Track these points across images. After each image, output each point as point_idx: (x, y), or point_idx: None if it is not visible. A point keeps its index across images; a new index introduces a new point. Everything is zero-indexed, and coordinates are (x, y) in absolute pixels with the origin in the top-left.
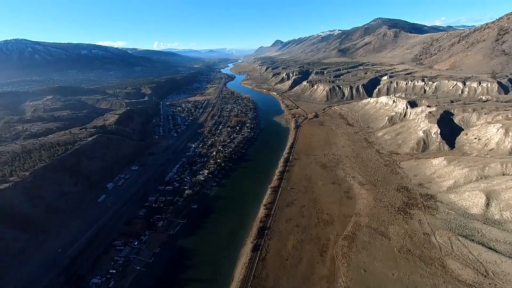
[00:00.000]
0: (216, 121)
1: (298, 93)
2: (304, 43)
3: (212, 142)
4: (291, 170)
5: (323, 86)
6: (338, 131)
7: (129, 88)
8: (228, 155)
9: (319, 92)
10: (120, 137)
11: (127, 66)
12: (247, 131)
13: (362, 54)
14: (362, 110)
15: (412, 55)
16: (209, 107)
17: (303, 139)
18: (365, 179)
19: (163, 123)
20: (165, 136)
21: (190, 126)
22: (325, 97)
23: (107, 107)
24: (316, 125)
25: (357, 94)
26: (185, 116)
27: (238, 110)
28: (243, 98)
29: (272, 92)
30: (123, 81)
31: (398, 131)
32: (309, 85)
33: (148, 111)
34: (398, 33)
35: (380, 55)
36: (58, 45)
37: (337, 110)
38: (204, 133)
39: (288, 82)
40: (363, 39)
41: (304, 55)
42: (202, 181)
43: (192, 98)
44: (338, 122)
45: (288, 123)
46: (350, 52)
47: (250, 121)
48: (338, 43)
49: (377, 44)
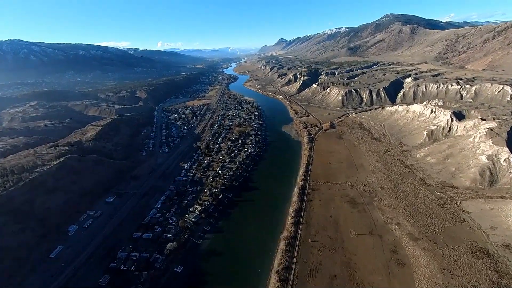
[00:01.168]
0: (215, 132)
1: (308, 97)
2: (310, 42)
3: (209, 161)
4: (309, 208)
5: (337, 90)
6: (363, 147)
7: (124, 91)
8: (228, 181)
9: (332, 97)
10: (97, 157)
11: (126, 67)
12: (251, 146)
13: (375, 52)
14: (388, 120)
15: (435, 53)
16: (208, 114)
17: (320, 159)
18: (416, 228)
19: (155, 134)
20: (155, 152)
21: (185, 139)
22: (340, 103)
23: (96, 114)
24: (333, 138)
25: (377, 99)
26: (180, 125)
27: (241, 118)
28: (247, 103)
29: (279, 96)
30: (120, 83)
31: (446, 153)
32: (320, 88)
33: (139, 119)
34: (415, 29)
35: (396, 54)
36: (56, 46)
37: (356, 119)
38: (200, 148)
39: (296, 85)
40: (375, 36)
41: (310, 54)
42: (192, 225)
43: (191, 102)
44: (360, 135)
45: (299, 135)
46: (361, 51)
47: (255, 132)
48: (346, 41)
49: (392, 42)
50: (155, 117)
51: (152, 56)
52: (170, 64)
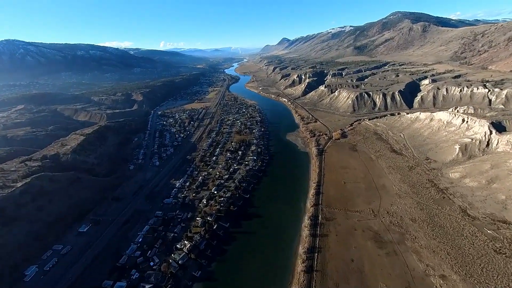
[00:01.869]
0: (213, 140)
1: (314, 100)
2: (313, 41)
3: (204, 177)
4: (324, 247)
5: (347, 93)
6: (382, 162)
7: (119, 94)
8: (224, 206)
9: (342, 100)
10: (74, 174)
11: (125, 68)
12: (252, 159)
13: (384, 51)
14: (409, 129)
15: (450, 53)
16: (206, 119)
17: (333, 176)
18: (471, 286)
19: (147, 143)
20: (144, 165)
21: (179, 149)
22: (350, 107)
23: (85, 119)
24: (346, 150)
25: (392, 103)
26: (176, 132)
27: (242, 124)
28: (248, 106)
29: (282, 98)
30: (117, 84)
31: (489, 175)
32: (327, 91)
33: (131, 125)
34: (426, 27)
35: (407, 53)
36: (53, 46)
37: (370, 127)
38: (195, 161)
39: (300, 87)
40: (382, 35)
41: (314, 53)
42: (178, 269)
43: (189, 106)
44: (377, 147)
45: (306, 145)
46: (368, 50)
47: (257, 142)
48: (352, 40)
49: (402, 40)
50: (149, 123)
51: (153, 56)
52: (171, 64)
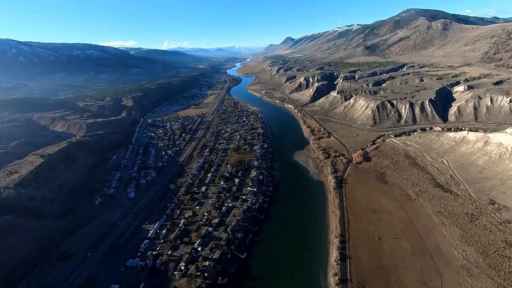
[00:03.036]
0: (205, 160)
1: (326, 108)
2: (319, 40)
3: (187, 221)
4: None
5: (365, 101)
6: (427, 204)
7: (108, 98)
8: (210, 275)
9: (359, 110)
10: (11, 218)
11: (123, 68)
12: (251, 192)
13: (398, 51)
14: (453, 154)
15: (479, 53)
16: (201, 129)
17: (361, 226)
18: None
19: (126, 163)
20: (116, 197)
21: (163, 172)
22: (370, 119)
23: (63, 130)
24: (372, 180)
25: (422, 115)
26: (163, 148)
27: (241, 138)
28: (249, 114)
29: (288, 105)
30: (111, 86)
31: None
32: (340, 98)
33: (112, 139)
34: (447, 25)
35: (426, 53)
36: (48, 46)
37: (398, 146)
38: (179, 194)
39: (308, 91)
40: (395, 33)
41: (320, 53)
42: None
43: (184, 112)
44: (413, 177)
45: (320, 170)
46: (380, 50)
47: (258, 164)
48: (361, 39)
49: (419, 39)
50: (135, 134)
51: (154, 56)
52: (172, 65)
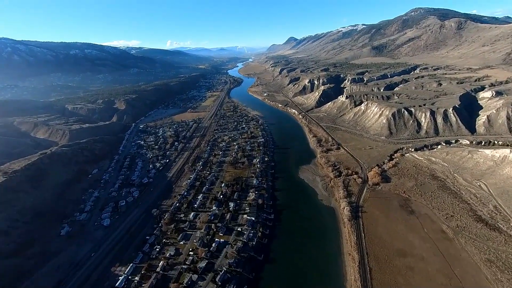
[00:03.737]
0: (197, 176)
1: (333, 114)
2: (322, 40)
3: (167, 264)
4: None
5: (379, 108)
6: (469, 247)
7: (100, 101)
8: None
9: (371, 118)
10: None
11: (121, 68)
12: (249, 222)
13: (408, 52)
14: (494, 177)
15: (500, 55)
16: (196, 137)
17: (387, 277)
18: None
19: (107, 179)
20: (87, 225)
21: (147, 192)
22: (385, 128)
23: (44, 137)
24: (395, 209)
25: (445, 125)
26: (152, 159)
27: (239, 148)
28: (249, 119)
29: (291, 109)
30: (106, 87)
31: None
32: (349, 103)
33: (95, 149)
34: (462, 24)
35: (439, 54)
36: (45, 45)
37: (420, 163)
38: (161, 223)
39: (313, 95)
40: (404, 33)
41: (324, 53)
42: None
43: (180, 116)
44: (446, 205)
45: (330, 193)
46: (388, 50)
47: (258, 182)
48: (367, 39)
49: (431, 39)
50: (123, 142)
51: (154, 56)
52: (172, 65)
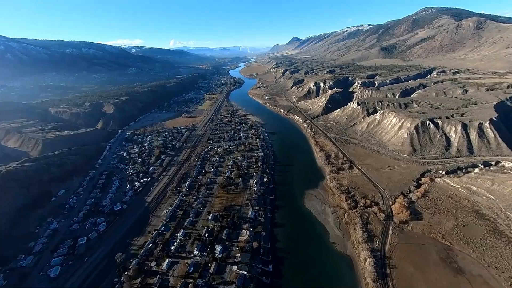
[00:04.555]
0: (181, 202)
1: (342, 123)
2: (327, 40)
3: None
4: None
5: (398, 118)
6: None
7: (87, 104)
8: None
9: (390, 130)
10: None
11: (119, 68)
12: (240, 278)
13: (421, 54)
14: None
15: None
16: (186, 148)
17: None
18: None
19: (74, 204)
20: (30, 274)
21: (116, 225)
22: (407, 144)
23: (15, 146)
24: (435, 264)
25: (481, 142)
26: (131, 177)
27: (234, 165)
28: (248, 127)
29: (295, 116)
30: (100, 88)
31: None
32: (361, 111)
33: (65, 163)
34: (481, 23)
35: (456, 56)
36: (40, 43)
37: (458, 193)
38: (125, 275)
39: (320, 101)
40: (415, 33)
41: (329, 54)
42: None
43: (173, 122)
44: (505, 263)
45: (345, 233)
46: (399, 51)
47: (253, 214)
48: (375, 40)
49: (446, 40)
50: (103, 154)
51: (155, 55)
52: (173, 64)
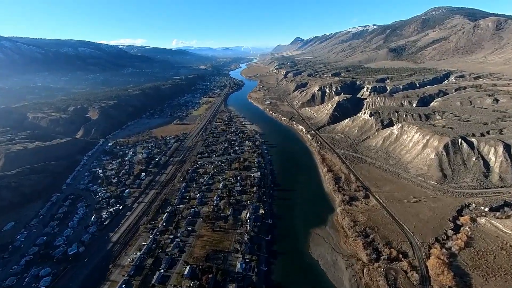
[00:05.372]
0: (154, 243)
1: (352, 136)
2: (331, 41)
3: None
4: None
5: (421, 134)
6: None
7: (70, 109)
8: None
9: (411, 149)
10: None
11: (115, 68)
12: None
13: (434, 56)
14: None
15: None
16: (172, 164)
17: None
18: None
19: (20, 243)
20: None
21: (65, 278)
22: (434, 168)
23: None
24: None
25: None
26: (100, 204)
27: (225, 188)
28: (244, 138)
29: (298, 125)
30: (92, 89)
31: None
32: (375, 122)
33: (21, 185)
34: (502, 23)
35: (475, 59)
36: (34, 42)
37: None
38: None
39: (326, 108)
40: (425, 34)
41: (334, 55)
42: None
43: (162, 130)
44: None
45: None
46: (409, 53)
47: (243, 266)
48: (382, 41)
49: (462, 42)
50: (75, 170)
51: (155, 55)
52: (172, 64)
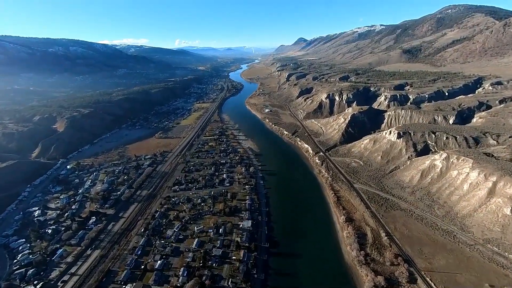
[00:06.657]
0: None
1: (375, 164)
2: (336, 41)
3: None
4: None
5: (484, 173)
6: None
7: (36, 118)
8: None
9: (469, 195)
10: None
11: (107, 68)
12: None
13: (457, 58)
14: None
15: None
16: (137, 202)
17: None
18: None
19: None
20: None
21: None
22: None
23: None
24: None
25: None
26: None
27: (200, 249)
28: (236, 161)
29: (303, 143)
30: (76, 93)
31: None
32: (406, 146)
33: None
34: None
35: (508, 62)
36: (21, 41)
37: None
38: None
39: (337, 122)
40: (443, 33)
41: (339, 56)
42: None
43: (139, 146)
44: None
45: None
46: (426, 55)
47: None
48: (392, 41)
49: (491, 43)
50: (5, 211)
51: (154, 55)
52: (170, 65)
